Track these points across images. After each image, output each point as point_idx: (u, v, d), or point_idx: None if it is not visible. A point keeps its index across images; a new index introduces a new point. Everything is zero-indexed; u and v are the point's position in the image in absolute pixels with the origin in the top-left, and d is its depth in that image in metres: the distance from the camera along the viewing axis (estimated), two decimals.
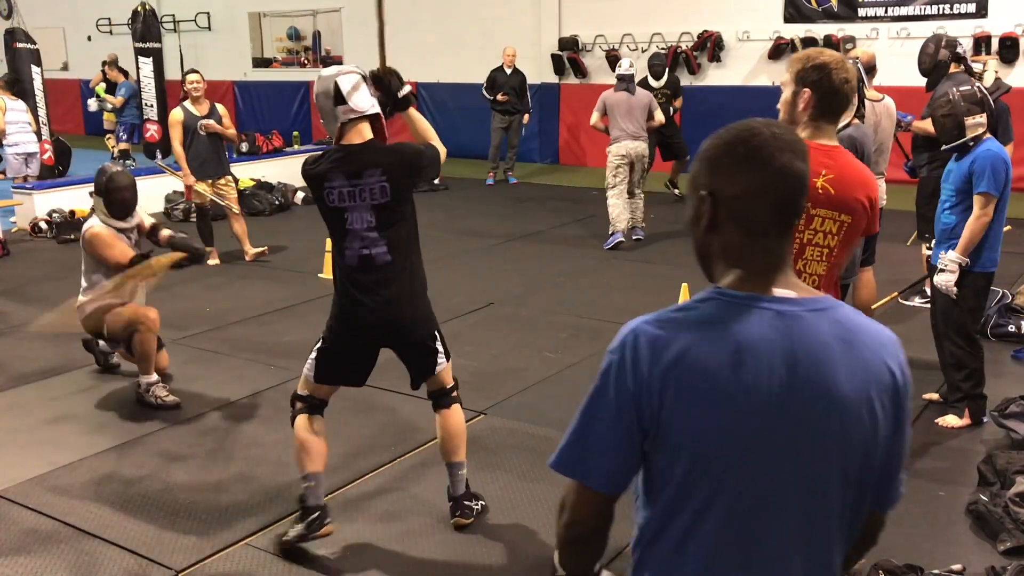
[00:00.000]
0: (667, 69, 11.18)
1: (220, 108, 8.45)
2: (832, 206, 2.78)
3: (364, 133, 3.52)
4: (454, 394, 3.86)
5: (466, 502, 3.83)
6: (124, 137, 13.84)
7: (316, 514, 3.57)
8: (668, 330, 1.45)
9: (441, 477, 4.23)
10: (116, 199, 5.17)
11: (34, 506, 4.04)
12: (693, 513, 1.46)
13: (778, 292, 1.47)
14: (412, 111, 3.80)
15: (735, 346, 1.42)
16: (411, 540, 3.73)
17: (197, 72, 8.59)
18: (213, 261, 8.45)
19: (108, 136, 15.16)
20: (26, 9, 13.32)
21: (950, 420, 4.65)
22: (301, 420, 3.67)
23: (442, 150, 3.72)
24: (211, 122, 8.26)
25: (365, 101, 3.49)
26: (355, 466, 4.37)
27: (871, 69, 5.39)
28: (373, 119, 3.56)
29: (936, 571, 3.31)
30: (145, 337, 5.12)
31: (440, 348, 3.76)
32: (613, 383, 1.47)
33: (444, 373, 3.80)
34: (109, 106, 13.85)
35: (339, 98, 3.45)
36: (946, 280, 4.49)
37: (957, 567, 3.33)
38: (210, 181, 8.33)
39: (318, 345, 3.73)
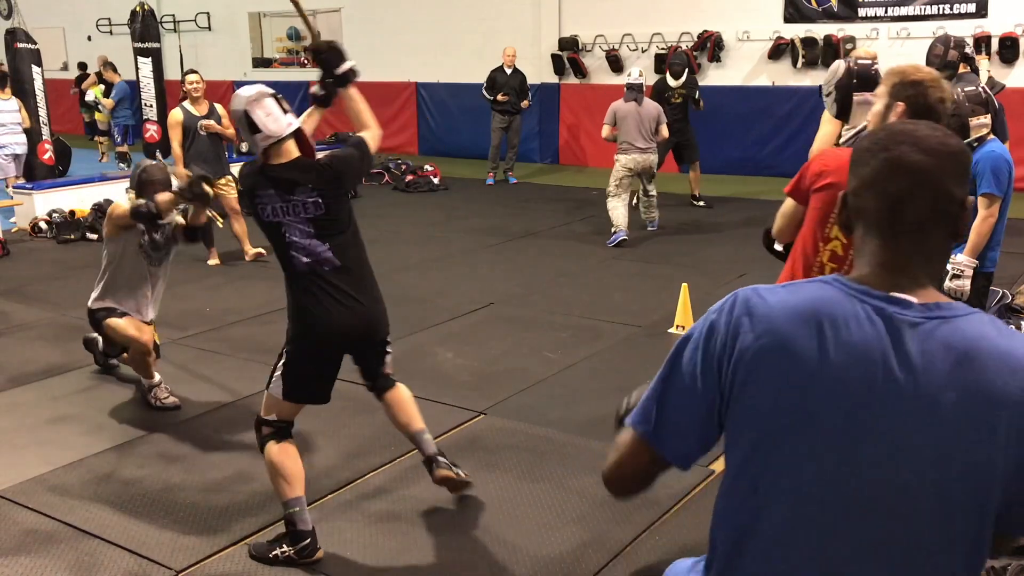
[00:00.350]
0: (687, 69, 11.15)
1: (219, 108, 8.44)
2: None
3: (290, 151, 3.57)
4: (393, 375, 3.95)
5: (441, 457, 3.88)
6: (119, 140, 13.80)
7: (307, 541, 3.53)
8: (769, 300, 1.40)
9: None
10: (149, 193, 5.10)
11: (34, 506, 4.04)
12: (754, 508, 1.40)
13: (896, 294, 1.37)
14: (352, 91, 3.79)
15: (830, 335, 1.34)
16: (411, 540, 3.73)
17: (196, 72, 8.60)
18: (213, 261, 8.46)
19: (100, 140, 15.15)
20: (26, 9, 13.31)
21: None
22: (271, 447, 3.61)
23: (377, 133, 3.73)
24: (211, 122, 8.27)
25: (279, 123, 3.53)
26: (355, 466, 4.37)
27: None
28: (296, 133, 3.60)
29: None
30: (134, 357, 5.10)
31: (390, 340, 3.87)
32: (702, 343, 1.45)
33: (390, 363, 3.91)
34: (102, 108, 13.81)
35: (253, 127, 3.50)
36: (961, 284, 4.45)
37: None
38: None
39: (282, 362, 3.70)
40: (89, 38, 19.11)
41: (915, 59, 6.66)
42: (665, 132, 9.36)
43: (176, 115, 8.36)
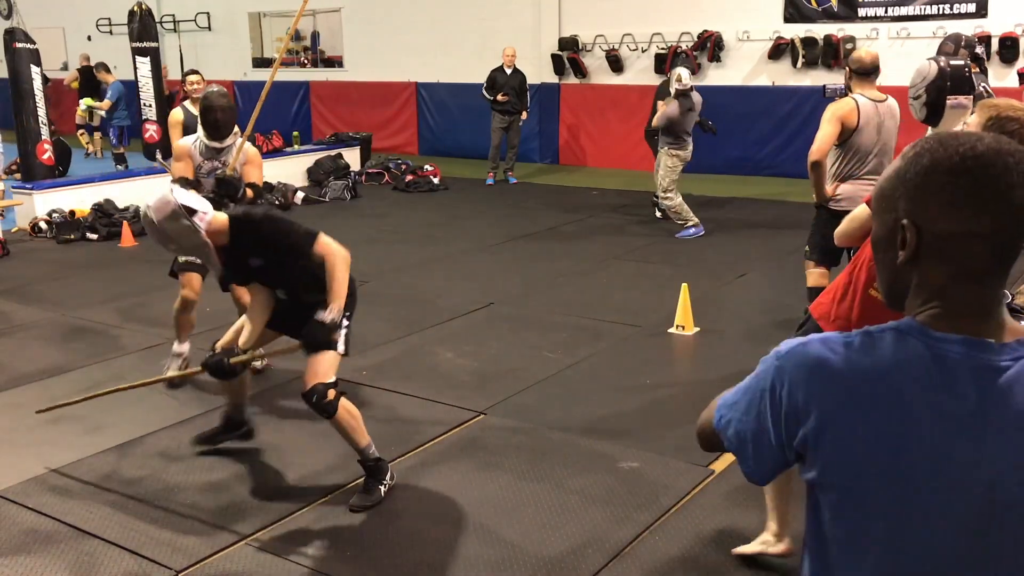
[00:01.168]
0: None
1: None
2: None
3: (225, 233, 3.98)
4: None
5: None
6: (115, 142, 13.76)
7: (387, 467, 4.01)
8: (846, 359, 1.26)
9: (441, 477, 4.24)
10: (207, 118, 5.41)
11: (34, 506, 4.04)
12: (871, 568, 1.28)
13: (984, 338, 1.24)
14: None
15: (919, 394, 1.22)
16: (411, 540, 3.73)
17: (198, 72, 8.59)
18: None
19: (81, 132, 15.12)
20: (26, 9, 13.33)
21: None
22: (345, 402, 3.96)
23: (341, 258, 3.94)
24: None
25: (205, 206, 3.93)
26: (355, 466, 4.35)
27: (874, 70, 5.39)
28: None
29: None
30: (177, 307, 5.45)
31: None
32: (769, 393, 1.33)
33: None
34: (103, 113, 13.75)
35: (191, 212, 3.86)
36: None
37: None
38: None
39: (347, 324, 4.05)
40: (89, 38, 19.11)
41: (915, 59, 6.68)
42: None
43: (177, 115, 8.35)
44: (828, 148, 5.20)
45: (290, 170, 12.64)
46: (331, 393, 3.87)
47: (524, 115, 12.78)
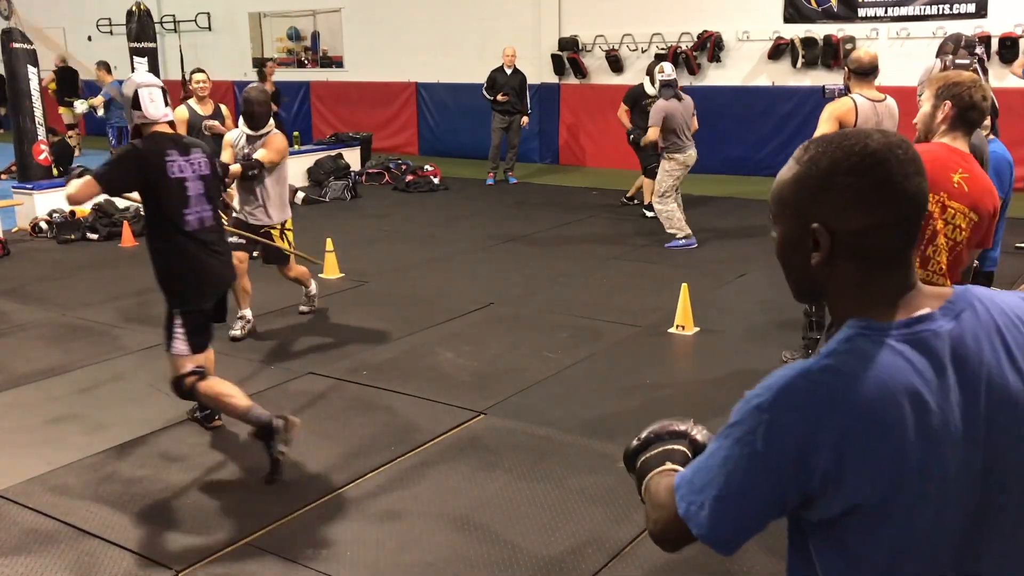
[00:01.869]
0: None
1: (224, 109, 8.48)
2: (965, 201, 3.08)
3: (167, 128, 4.28)
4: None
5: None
6: (114, 142, 13.73)
7: (279, 423, 4.04)
8: (828, 383, 1.28)
9: (441, 477, 4.24)
10: (247, 111, 6.23)
11: (34, 506, 4.04)
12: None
13: (918, 313, 1.32)
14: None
15: (909, 386, 1.26)
16: (411, 540, 3.73)
17: (203, 72, 8.62)
18: None
19: (70, 135, 15.13)
20: (26, 9, 13.30)
21: None
22: (201, 385, 4.18)
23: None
24: (215, 123, 8.29)
25: (159, 111, 4.19)
26: (355, 466, 4.37)
27: (872, 70, 5.39)
28: (170, 124, 4.32)
29: None
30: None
31: None
32: (763, 447, 1.29)
33: None
34: (100, 111, 13.74)
35: (136, 105, 4.15)
36: None
37: None
38: None
39: (180, 321, 4.23)
40: (89, 38, 19.11)
41: (915, 59, 6.68)
42: (696, 124, 9.21)
43: (182, 113, 8.38)
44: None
45: (290, 170, 12.50)
46: (186, 380, 4.19)
47: (525, 120, 12.78)
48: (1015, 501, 1.32)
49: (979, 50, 6.46)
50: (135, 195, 4.40)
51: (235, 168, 5.84)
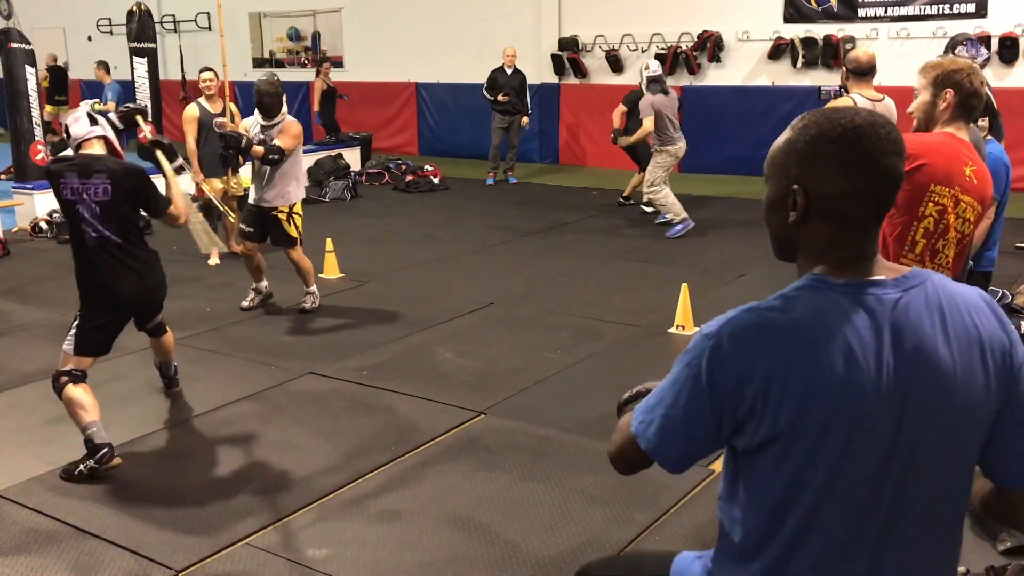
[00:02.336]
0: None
1: (233, 107, 8.48)
2: (975, 195, 3.06)
3: (96, 148, 4.48)
4: (163, 324, 5.01)
5: (176, 376, 5.27)
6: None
7: (105, 450, 4.25)
8: (773, 319, 1.43)
9: (441, 477, 4.24)
10: (259, 101, 6.58)
11: (34, 506, 4.04)
12: (805, 513, 1.44)
13: (871, 278, 1.46)
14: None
15: (842, 334, 1.40)
16: (411, 540, 3.73)
17: (211, 70, 8.63)
18: (214, 261, 8.46)
19: (49, 136, 15.10)
20: (26, 9, 13.32)
21: None
22: (70, 388, 4.37)
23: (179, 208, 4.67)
24: (225, 120, 8.28)
25: (81, 129, 4.49)
26: (355, 466, 4.37)
27: (871, 70, 5.39)
28: (107, 139, 4.55)
29: None
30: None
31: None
32: (705, 369, 1.44)
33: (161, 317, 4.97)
34: (110, 108, 13.73)
35: (67, 133, 4.56)
36: None
37: (961, 569, 3.32)
38: (224, 178, 8.38)
39: (76, 323, 4.54)
40: (89, 38, 19.12)
41: (915, 59, 6.68)
42: (680, 117, 9.72)
43: (192, 110, 8.40)
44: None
45: None
46: (60, 379, 4.43)
47: (525, 120, 12.78)
48: (923, 462, 1.43)
49: (983, 49, 6.47)
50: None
51: (258, 148, 6.29)
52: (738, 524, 1.52)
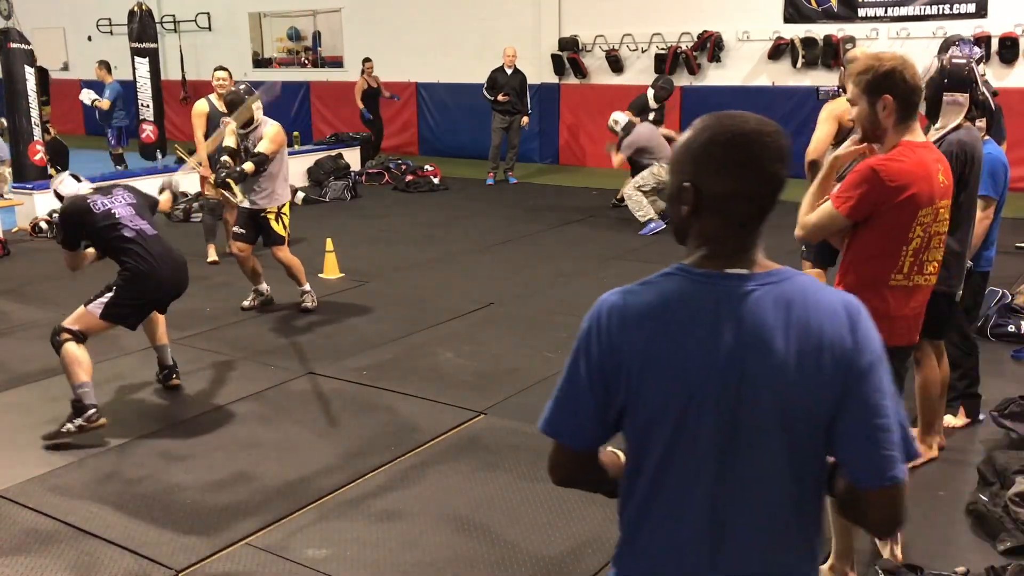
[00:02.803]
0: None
1: None
2: (948, 195, 3.05)
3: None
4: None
5: (176, 368, 5.40)
6: (114, 142, 13.69)
7: (93, 410, 4.58)
8: (631, 300, 1.58)
9: (441, 477, 4.25)
10: (227, 112, 6.82)
11: (34, 506, 4.04)
12: (652, 478, 1.59)
13: (731, 271, 1.56)
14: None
15: (687, 317, 1.54)
16: (411, 540, 3.73)
17: (225, 70, 8.65)
18: (212, 258, 8.47)
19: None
20: (27, 9, 13.31)
21: (947, 420, 4.65)
22: (71, 345, 4.64)
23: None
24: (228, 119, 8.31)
25: (71, 187, 5.14)
26: (355, 466, 4.37)
27: None
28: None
29: (936, 572, 3.31)
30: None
31: None
32: (584, 350, 1.60)
33: None
34: (105, 107, 13.67)
35: (58, 196, 5.20)
36: None
37: (960, 569, 3.32)
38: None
39: (112, 293, 4.76)
40: (89, 38, 19.12)
41: (915, 59, 6.67)
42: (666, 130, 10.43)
43: (202, 105, 8.43)
44: (825, 147, 5.21)
45: (290, 170, 12.60)
46: (63, 335, 4.69)
47: (525, 120, 12.79)
48: (754, 445, 1.54)
49: (978, 53, 6.46)
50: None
51: (248, 166, 6.50)
52: (622, 487, 1.71)
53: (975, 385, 4.66)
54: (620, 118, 10.23)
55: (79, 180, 5.27)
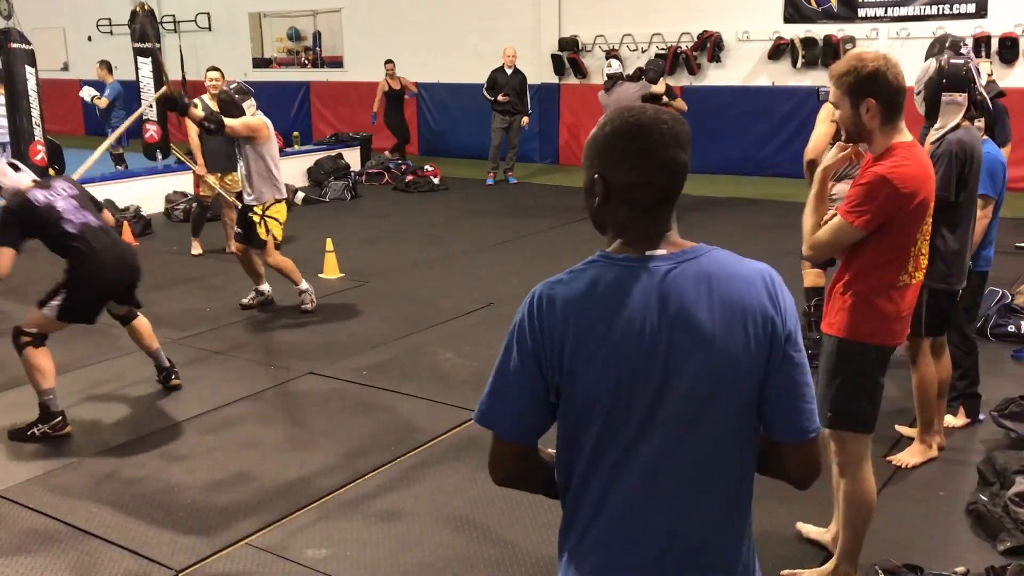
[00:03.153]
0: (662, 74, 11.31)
1: None
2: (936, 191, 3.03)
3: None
4: (133, 310, 5.24)
5: (174, 368, 5.35)
6: (115, 142, 13.68)
7: (59, 418, 4.70)
8: (559, 290, 1.64)
9: (441, 477, 4.24)
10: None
11: (34, 506, 4.04)
12: (589, 456, 1.64)
13: (650, 252, 1.64)
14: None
15: (614, 301, 1.60)
16: (411, 540, 3.73)
17: (217, 70, 8.72)
18: (196, 251, 8.58)
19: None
20: (27, 9, 13.30)
21: (948, 420, 4.65)
22: (31, 350, 4.68)
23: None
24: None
25: (12, 176, 4.95)
26: (355, 466, 4.37)
27: None
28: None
29: (936, 572, 3.31)
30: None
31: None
32: (516, 340, 1.66)
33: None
34: (103, 105, 13.65)
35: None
36: None
37: (960, 569, 3.32)
38: (219, 175, 8.46)
39: (63, 294, 4.75)
40: (89, 38, 19.12)
41: (915, 59, 6.67)
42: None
43: (195, 106, 8.45)
44: (823, 147, 5.19)
45: (290, 170, 12.62)
46: (23, 338, 4.73)
47: (526, 120, 12.79)
48: (686, 413, 1.60)
49: (964, 50, 6.44)
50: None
51: (194, 111, 6.56)
52: (558, 467, 1.76)
53: (975, 385, 4.66)
54: (615, 64, 10.39)
55: (18, 170, 5.07)
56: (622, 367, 1.58)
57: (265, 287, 6.97)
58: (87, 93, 13.59)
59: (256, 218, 6.61)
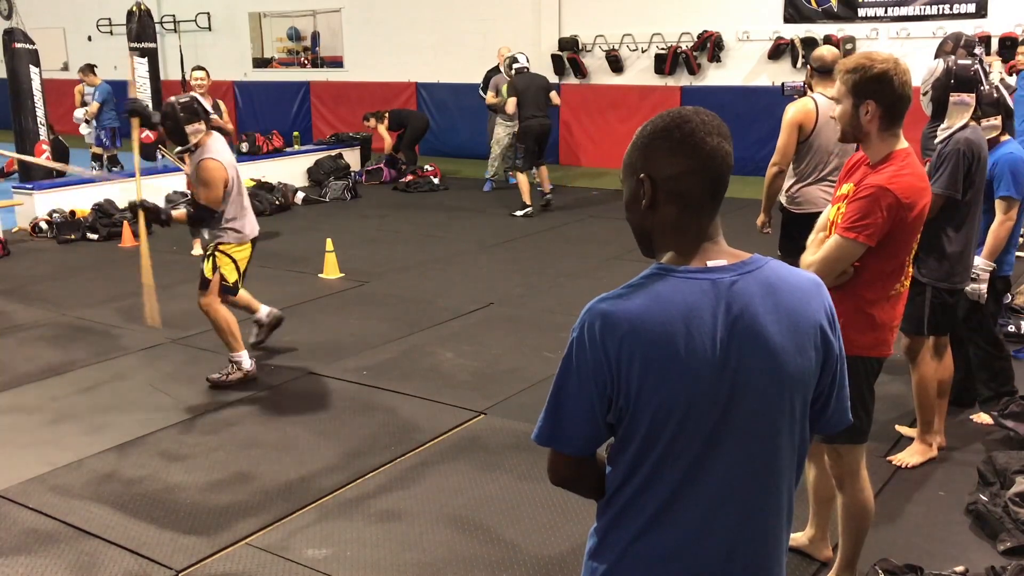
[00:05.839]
0: None
1: (221, 104, 8.59)
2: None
3: None
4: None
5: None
6: (107, 143, 13.64)
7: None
8: (620, 306, 1.60)
9: (441, 477, 4.24)
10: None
11: (34, 506, 4.04)
12: (652, 464, 1.62)
13: (711, 263, 1.63)
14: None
15: (680, 315, 1.57)
16: (411, 540, 3.73)
17: (203, 69, 8.73)
18: (196, 251, 8.58)
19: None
20: (27, 9, 13.31)
21: (983, 417, 4.62)
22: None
23: None
24: (214, 117, 8.33)
25: None
26: (355, 466, 4.37)
27: (835, 68, 5.34)
28: None
29: (936, 572, 3.31)
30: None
31: None
32: (576, 359, 1.63)
33: None
34: (93, 122, 13.52)
35: None
36: (979, 288, 4.35)
37: (960, 569, 3.32)
38: None
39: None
40: (89, 38, 19.11)
41: (915, 59, 6.68)
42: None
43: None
44: (790, 156, 5.18)
45: (290, 170, 12.64)
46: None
47: None
48: (753, 426, 1.61)
49: (978, 50, 6.42)
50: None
51: (179, 213, 5.44)
52: (609, 481, 1.71)
53: (1011, 381, 4.62)
54: (521, 59, 10.87)
55: None
56: (691, 383, 1.57)
57: (259, 314, 6.02)
58: (79, 118, 13.53)
59: (208, 251, 5.47)
